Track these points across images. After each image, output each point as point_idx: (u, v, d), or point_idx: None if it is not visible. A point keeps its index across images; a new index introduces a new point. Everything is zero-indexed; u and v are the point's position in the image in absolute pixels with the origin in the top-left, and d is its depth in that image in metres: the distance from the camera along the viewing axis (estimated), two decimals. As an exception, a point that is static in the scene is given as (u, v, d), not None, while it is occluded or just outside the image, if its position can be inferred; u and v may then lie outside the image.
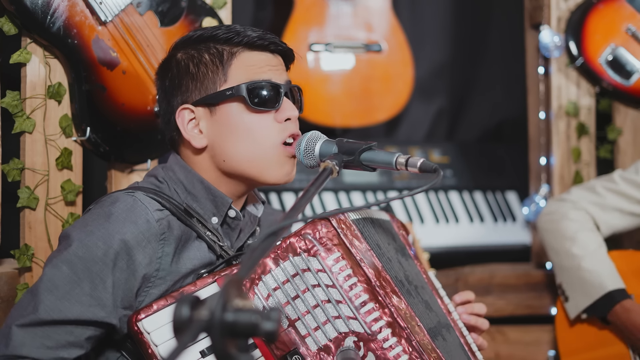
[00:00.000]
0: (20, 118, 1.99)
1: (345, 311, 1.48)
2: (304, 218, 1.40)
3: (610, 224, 2.44)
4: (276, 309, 0.96)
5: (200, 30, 1.69)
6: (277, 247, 1.50)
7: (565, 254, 2.40)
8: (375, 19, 3.12)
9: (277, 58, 1.70)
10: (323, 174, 1.44)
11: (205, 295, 1.49)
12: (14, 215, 2.03)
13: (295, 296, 1.49)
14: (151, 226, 1.54)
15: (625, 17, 2.77)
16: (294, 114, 1.65)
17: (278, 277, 1.49)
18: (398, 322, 1.48)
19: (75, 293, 1.48)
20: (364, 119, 3.15)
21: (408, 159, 1.49)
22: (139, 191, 1.59)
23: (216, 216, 1.65)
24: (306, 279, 1.49)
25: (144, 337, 1.48)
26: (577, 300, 2.36)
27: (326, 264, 1.49)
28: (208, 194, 1.65)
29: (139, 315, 1.49)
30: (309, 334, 1.48)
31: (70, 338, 1.48)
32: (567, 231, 2.40)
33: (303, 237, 1.50)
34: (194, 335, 0.91)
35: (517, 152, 3.21)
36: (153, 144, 2.18)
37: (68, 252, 1.51)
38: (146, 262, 1.53)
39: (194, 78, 1.65)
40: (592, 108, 2.84)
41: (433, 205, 3.08)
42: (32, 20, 1.94)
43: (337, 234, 1.50)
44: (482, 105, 3.51)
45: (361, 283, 1.49)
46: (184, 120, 1.65)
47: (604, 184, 2.46)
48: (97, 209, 1.58)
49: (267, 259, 1.50)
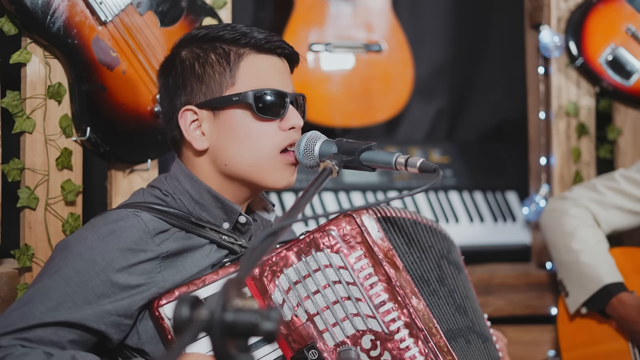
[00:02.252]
0: (20, 118, 1.99)
1: (364, 309, 1.49)
2: (335, 212, 1.41)
3: (610, 221, 2.46)
4: (276, 309, 0.96)
5: (205, 29, 1.67)
6: (301, 241, 1.52)
7: (565, 250, 2.42)
8: (375, 19, 3.12)
9: (282, 62, 1.69)
10: (323, 174, 1.44)
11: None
12: (14, 215, 2.03)
13: (316, 291, 1.50)
14: (153, 247, 1.53)
15: (625, 17, 2.77)
16: (299, 124, 1.65)
17: (300, 271, 1.51)
18: (416, 323, 1.49)
19: (68, 305, 1.46)
20: (364, 119, 3.15)
21: (407, 159, 1.50)
22: (145, 212, 1.56)
23: (227, 222, 1.65)
24: (327, 275, 1.50)
25: (164, 323, 1.49)
26: (576, 295, 2.39)
27: (348, 262, 1.51)
28: (217, 202, 1.64)
29: (160, 300, 1.50)
30: (327, 329, 1.49)
31: (55, 338, 1.45)
32: (567, 227, 2.43)
33: (327, 233, 1.51)
34: (194, 335, 0.91)
35: (517, 152, 3.21)
36: (153, 144, 2.18)
37: (66, 265, 1.49)
38: (146, 275, 1.51)
39: (200, 79, 1.63)
40: (592, 108, 2.84)
41: (433, 205, 3.08)
42: (32, 20, 1.94)
43: (361, 232, 1.52)
44: (482, 105, 3.51)
45: (381, 282, 1.51)
46: (187, 121, 1.63)
47: (605, 183, 2.48)
48: (100, 223, 1.56)
49: (289, 253, 1.51)
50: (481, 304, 2.00)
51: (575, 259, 2.38)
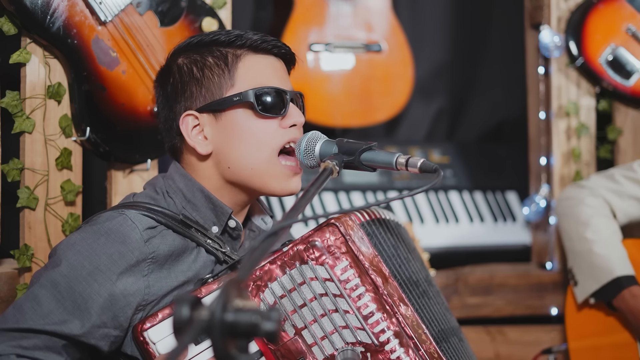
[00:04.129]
0: (20, 118, 1.99)
1: (352, 321, 1.46)
2: (315, 216, 1.38)
3: (627, 211, 2.45)
4: (276, 309, 0.95)
5: (199, 36, 1.68)
6: (284, 254, 1.49)
7: (578, 238, 2.41)
8: (375, 19, 3.12)
9: (279, 62, 1.69)
10: (323, 174, 1.43)
11: (210, 302, 1.48)
12: (13, 216, 2.03)
13: (302, 305, 1.47)
14: (140, 246, 1.52)
15: (626, 17, 2.77)
16: (300, 120, 1.64)
17: (285, 285, 1.48)
18: (405, 332, 1.47)
19: (58, 312, 1.46)
20: (364, 119, 3.15)
21: (408, 159, 1.49)
22: (131, 209, 1.56)
23: (216, 225, 1.63)
24: (313, 287, 1.47)
25: (149, 348, 1.47)
26: (586, 285, 2.37)
27: (334, 273, 1.47)
28: (208, 202, 1.63)
29: (144, 325, 1.48)
30: (315, 343, 1.46)
31: (49, 343, 1.46)
32: (581, 216, 2.42)
33: (311, 244, 1.48)
34: (195, 335, 0.91)
35: (517, 152, 3.22)
36: (153, 144, 2.17)
37: (54, 271, 1.49)
38: (132, 280, 1.51)
39: (199, 83, 1.62)
40: (592, 108, 2.84)
41: (433, 205, 3.08)
42: (32, 20, 1.94)
43: (345, 241, 1.48)
44: (482, 105, 3.52)
45: (369, 292, 1.47)
46: (188, 126, 1.62)
47: (623, 172, 2.47)
48: (87, 227, 1.56)
49: (273, 266, 1.48)
50: (481, 304, 2.00)
51: (587, 248, 2.37)
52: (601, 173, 2.54)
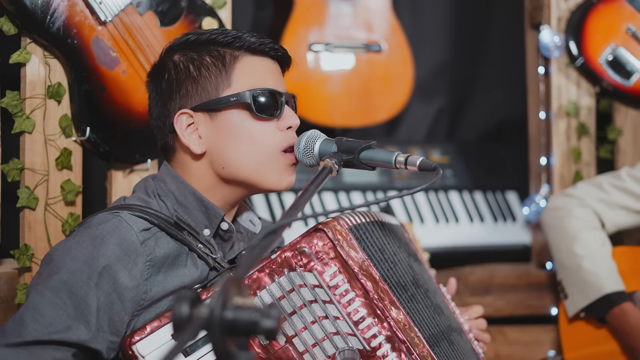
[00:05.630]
0: (20, 118, 1.99)
1: (343, 327, 1.45)
2: (315, 214, 1.36)
3: (615, 221, 2.43)
4: (275, 307, 0.95)
5: (196, 34, 1.67)
6: (272, 261, 1.47)
7: (566, 252, 2.39)
8: (375, 19, 3.12)
9: (275, 64, 1.69)
10: (322, 173, 1.43)
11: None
12: (13, 216, 2.03)
13: (292, 312, 1.46)
14: (137, 248, 1.51)
15: (626, 17, 2.77)
16: (295, 123, 1.64)
17: (274, 293, 1.46)
18: (397, 336, 1.45)
19: (62, 319, 1.43)
20: (364, 119, 3.15)
21: (407, 157, 1.49)
22: (124, 211, 1.55)
23: (208, 228, 1.63)
24: (302, 295, 1.45)
25: None
26: (576, 300, 2.37)
27: (323, 279, 1.45)
28: (200, 205, 1.62)
29: (132, 338, 1.45)
30: (306, 350, 1.45)
31: (57, 354, 1.42)
32: (570, 229, 2.39)
33: (299, 251, 1.47)
34: (194, 333, 0.91)
35: (517, 152, 3.21)
36: (153, 144, 2.16)
37: (52, 278, 1.47)
38: (132, 284, 1.49)
39: (195, 81, 1.62)
40: (592, 108, 2.84)
41: (433, 205, 3.08)
42: (32, 20, 1.94)
43: (334, 247, 1.47)
44: (482, 105, 3.52)
45: (359, 297, 1.46)
46: (183, 125, 1.61)
47: (611, 181, 2.45)
48: (81, 230, 1.54)
49: (262, 274, 1.47)
50: (481, 303, 1.99)
51: (577, 263, 2.35)
52: (588, 181, 2.52)
